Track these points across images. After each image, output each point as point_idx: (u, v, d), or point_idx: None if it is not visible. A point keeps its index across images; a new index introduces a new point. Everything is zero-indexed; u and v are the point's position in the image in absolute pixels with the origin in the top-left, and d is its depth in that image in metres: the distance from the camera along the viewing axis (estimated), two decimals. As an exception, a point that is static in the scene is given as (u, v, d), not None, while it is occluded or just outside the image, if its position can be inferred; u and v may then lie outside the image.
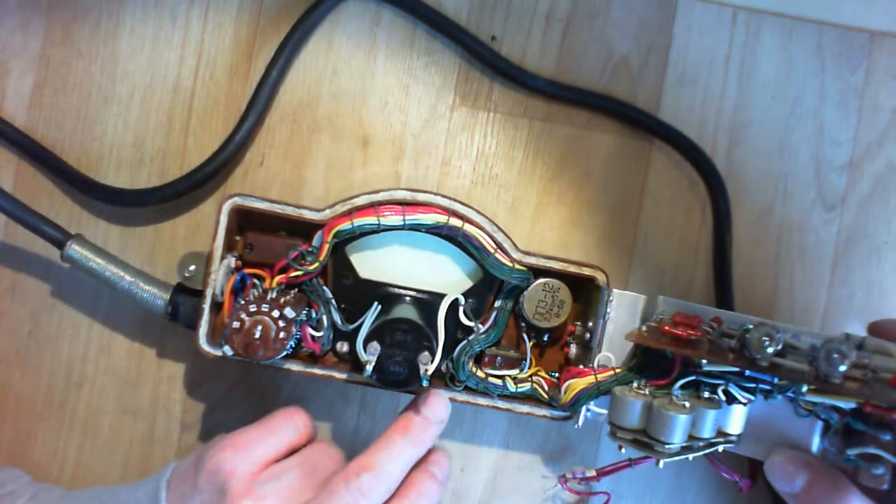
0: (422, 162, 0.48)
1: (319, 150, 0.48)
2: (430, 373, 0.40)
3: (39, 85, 0.48)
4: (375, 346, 0.40)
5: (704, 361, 0.38)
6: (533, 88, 0.48)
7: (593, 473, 0.44)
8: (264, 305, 0.40)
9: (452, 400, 0.43)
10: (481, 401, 0.43)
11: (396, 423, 0.40)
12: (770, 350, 0.35)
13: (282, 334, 0.40)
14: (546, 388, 0.43)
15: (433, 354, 0.40)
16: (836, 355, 0.34)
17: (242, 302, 0.41)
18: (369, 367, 0.39)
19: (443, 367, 0.44)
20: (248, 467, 0.37)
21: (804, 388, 0.36)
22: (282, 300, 0.41)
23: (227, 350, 0.40)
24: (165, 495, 0.38)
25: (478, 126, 0.48)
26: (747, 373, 0.38)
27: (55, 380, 0.47)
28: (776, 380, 0.37)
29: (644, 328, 0.42)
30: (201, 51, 0.48)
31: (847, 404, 0.37)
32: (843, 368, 0.34)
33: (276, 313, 0.40)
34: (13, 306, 0.47)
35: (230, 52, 0.48)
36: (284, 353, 0.40)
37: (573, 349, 0.44)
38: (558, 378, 0.43)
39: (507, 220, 0.48)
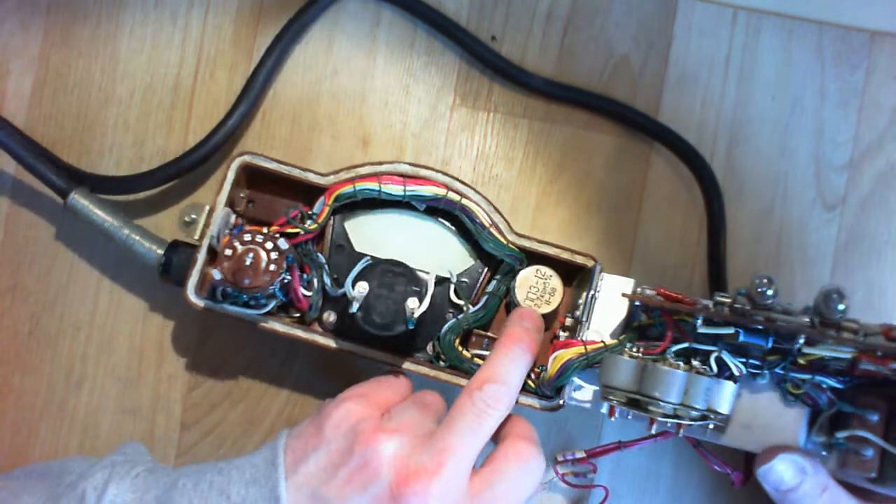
0: (422, 162, 0.48)
1: (319, 150, 0.48)
2: (416, 315, 0.39)
3: (39, 85, 0.48)
4: (364, 286, 0.40)
5: (699, 322, 0.38)
6: (532, 88, 0.48)
7: (583, 455, 0.44)
8: (259, 236, 0.40)
9: (436, 378, 0.43)
10: (465, 381, 0.43)
11: (502, 337, 0.41)
12: (769, 293, 0.36)
13: (272, 266, 0.40)
14: (533, 377, 0.43)
15: (421, 300, 0.40)
16: (834, 296, 0.35)
17: (237, 232, 0.41)
18: (356, 305, 0.39)
19: (429, 348, 0.44)
20: (372, 410, 0.39)
21: (800, 341, 0.37)
22: (276, 236, 0.41)
23: (216, 273, 0.40)
24: (283, 459, 0.38)
25: (478, 126, 0.48)
26: (742, 337, 0.38)
27: (55, 380, 0.47)
28: (770, 342, 0.38)
29: (638, 290, 0.42)
30: (201, 51, 0.48)
31: (834, 382, 0.38)
32: (841, 307, 0.35)
33: (269, 245, 0.40)
34: (13, 306, 0.47)
35: (230, 52, 0.48)
36: (271, 291, 0.40)
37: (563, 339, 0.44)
38: (546, 369, 0.43)
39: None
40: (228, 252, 0.40)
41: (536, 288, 0.44)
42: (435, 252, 0.44)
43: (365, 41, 0.48)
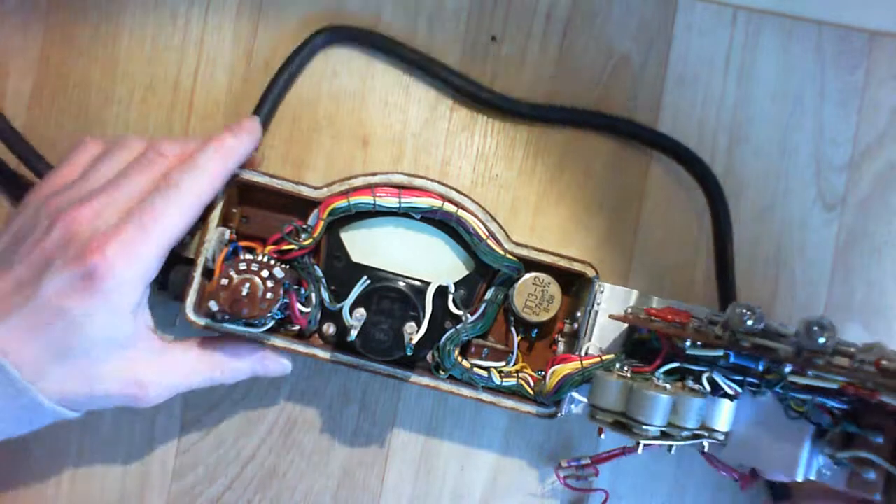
0: (422, 162, 0.48)
1: (319, 150, 0.48)
2: (414, 342, 0.40)
3: (39, 85, 0.48)
4: (361, 312, 0.40)
5: (688, 344, 0.38)
6: (520, 115, 0.47)
7: (588, 461, 0.44)
8: (254, 265, 0.40)
9: (436, 389, 0.43)
10: (465, 391, 0.43)
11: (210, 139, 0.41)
12: (750, 323, 0.35)
13: (269, 294, 0.40)
14: (532, 384, 0.43)
15: (419, 325, 0.40)
16: (815, 328, 0.35)
17: (232, 258, 0.41)
18: (354, 333, 0.40)
19: (428, 357, 0.44)
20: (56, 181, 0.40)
21: (788, 369, 0.37)
22: (272, 263, 0.41)
23: (213, 305, 0.39)
24: None
25: (478, 126, 0.48)
26: (732, 359, 0.38)
27: (55, 380, 0.47)
28: (761, 366, 0.37)
29: (629, 310, 0.42)
30: (201, 51, 0.48)
31: (838, 403, 0.37)
32: (822, 340, 0.34)
33: (265, 273, 0.40)
34: (13, 306, 0.47)
35: (230, 52, 0.48)
36: (270, 315, 0.40)
37: (561, 347, 0.44)
38: (545, 375, 0.43)
39: (507, 220, 0.48)
40: (224, 282, 0.40)
41: (535, 296, 0.43)
42: (432, 260, 0.44)
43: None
